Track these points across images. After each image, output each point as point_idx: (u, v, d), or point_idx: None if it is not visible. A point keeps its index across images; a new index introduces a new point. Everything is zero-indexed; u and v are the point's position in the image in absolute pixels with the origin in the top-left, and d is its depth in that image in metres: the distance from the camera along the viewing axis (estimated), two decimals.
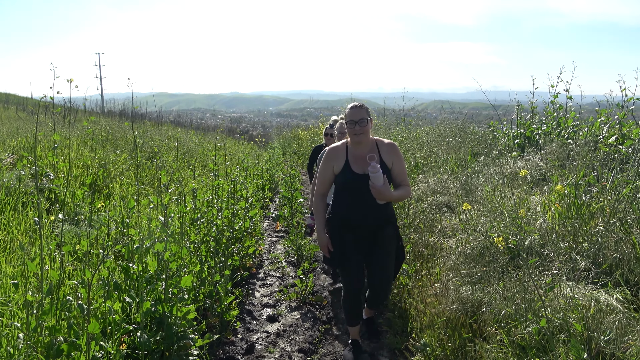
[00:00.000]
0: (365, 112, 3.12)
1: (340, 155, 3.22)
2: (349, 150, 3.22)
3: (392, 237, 3.30)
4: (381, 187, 2.91)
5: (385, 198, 3.01)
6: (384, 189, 2.94)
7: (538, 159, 6.06)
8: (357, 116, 3.09)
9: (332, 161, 3.23)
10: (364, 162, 3.10)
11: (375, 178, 2.88)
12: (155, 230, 3.36)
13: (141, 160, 8.38)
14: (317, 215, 3.33)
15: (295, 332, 3.98)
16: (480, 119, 12.92)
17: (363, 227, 3.23)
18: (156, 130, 15.60)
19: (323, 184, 3.31)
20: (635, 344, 2.34)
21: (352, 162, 3.18)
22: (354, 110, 3.12)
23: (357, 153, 3.19)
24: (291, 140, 21.34)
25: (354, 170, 3.15)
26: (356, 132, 3.10)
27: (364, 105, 3.17)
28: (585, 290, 2.83)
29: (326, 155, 3.26)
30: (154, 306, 2.84)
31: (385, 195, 2.97)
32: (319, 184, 3.32)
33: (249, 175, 8.39)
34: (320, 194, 3.33)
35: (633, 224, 3.66)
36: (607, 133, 6.01)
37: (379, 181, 2.90)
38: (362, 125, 3.08)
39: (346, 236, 3.27)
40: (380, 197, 2.98)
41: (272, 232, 7.50)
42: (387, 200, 3.05)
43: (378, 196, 2.97)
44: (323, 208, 3.34)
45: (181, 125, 26.09)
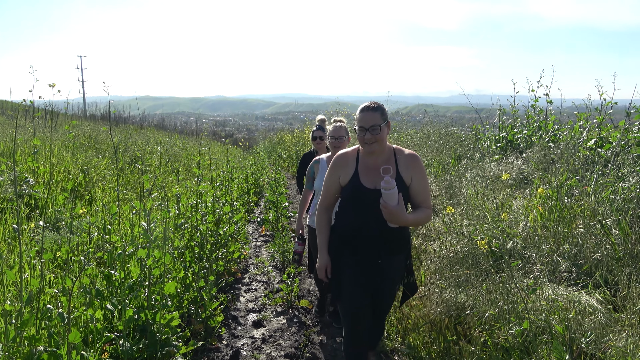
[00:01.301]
0: (379, 116, 2.50)
1: (350, 164, 2.66)
2: (360, 159, 2.65)
3: (400, 268, 2.72)
4: (395, 207, 2.36)
5: (399, 221, 2.44)
6: (398, 210, 2.37)
7: (520, 162, 6.15)
8: (367, 122, 2.49)
9: (339, 170, 2.68)
10: (377, 174, 2.55)
11: (389, 196, 2.35)
12: (138, 236, 3.32)
13: (124, 165, 8.28)
14: (319, 231, 2.77)
15: (281, 337, 3.96)
16: (464, 123, 13.08)
17: (367, 251, 2.64)
18: (139, 134, 15.43)
19: (328, 196, 2.76)
20: (615, 344, 2.39)
21: (362, 174, 2.61)
22: (364, 114, 2.52)
23: (370, 163, 2.62)
24: (276, 143, 21.32)
25: (363, 183, 2.58)
26: (367, 142, 2.51)
27: (378, 106, 2.55)
28: (566, 291, 2.87)
29: (333, 162, 2.71)
30: (136, 314, 2.80)
31: (398, 218, 2.40)
32: (323, 196, 2.78)
33: (234, 179, 8.35)
34: (324, 207, 2.78)
35: (612, 226, 3.73)
36: (586, 137, 6.13)
37: (393, 200, 2.36)
38: (374, 133, 2.48)
39: (345, 258, 2.70)
40: (392, 219, 2.41)
41: (257, 236, 7.47)
42: (400, 224, 2.48)
43: (389, 218, 2.41)
44: (327, 223, 2.77)
45: (165, 129, 25.88)
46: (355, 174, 2.62)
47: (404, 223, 2.48)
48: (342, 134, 3.68)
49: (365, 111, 2.52)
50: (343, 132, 3.68)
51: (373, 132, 2.48)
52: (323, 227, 2.76)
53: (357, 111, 2.57)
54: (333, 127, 3.71)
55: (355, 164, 2.65)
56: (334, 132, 3.70)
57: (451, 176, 5.96)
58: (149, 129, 20.28)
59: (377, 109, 2.52)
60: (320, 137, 4.58)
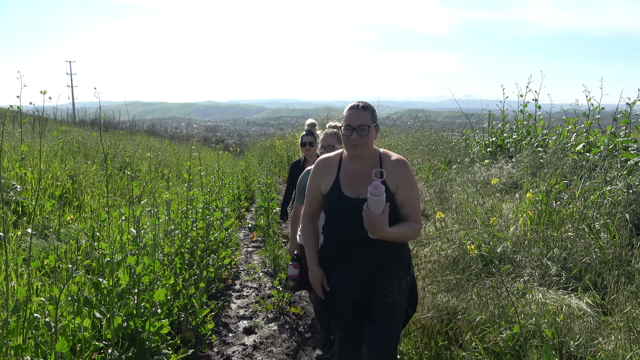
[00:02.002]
0: (368, 116, 2.28)
1: (331, 170, 2.41)
2: (342, 164, 2.40)
3: (397, 283, 2.35)
4: (377, 217, 2.09)
5: (378, 233, 2.14)
6: (380, 220, 2.10)
7: (509, 167, 6.20)
8: (356, 120, 2.26)
9: (319, 176, 2.43)
10: (360, 181, 2.31)
11: (374, 203, 2.08)
12: (127, 243, 3.29)
13: (113, 171, 8.21)
14: (305, 243, 2.54)
15: (273, 343, 3.94)
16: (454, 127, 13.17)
17: (354, 266, 2.36)
18: (129, 140, 15.34)
19: (311, 205, 2.52)
20: (604, 347, 2.40)
21: (344, 181, 2.36)
22: (353, 112, 2.29)
23: (352, 169, 2.36)
24: (268, 149, 21.30)
25: (344, 191, 2.33)
26: (353, 143, 2.27)
27: (368, 106, 2.33)
28: (556, 295, 2.89)
29: (314, 168, 2.47)
30: (125, 322, 2.76)
31: (378, 229, 2.12)
32: (306, 204, 2.54)
33: (225, 185, 8.32)
34: (308, 216, 2.55)
35: (601, 229, 3.77)
36: (574, 141, 6.20)
37: (378, 208, 2.09)
38: (361, 134, 2.25)
39: (336, 278, 2.43)
40: (372, 229, 2.14)
41: (248, 242, 7.43)
42: (379, 236, 2.17)
43: (369, 227, 2.13)
44: (313, 234, 2.53)
45: (155, 134, 25.75)
46: (336, 181, 2.37)
47: (383, 236, 2.15)
48: (333, 142, 3.32)
49: (355, 109, 2.29)
50: (334, 140, 3.34)
51: (360, 133, 2.25)
52: (309, 238, 2.52)
53: (345, 109, 2.33)
54: (324, 135, 3.36)
55: (337, 170, 2.40)
56: (324, 141, 3.34)
57: (442, 181, 5.99)
58: (139, 135, 20.17)
59: (367, 108, 2.30)
60: (309, 143, 4.25)
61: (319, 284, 2.45)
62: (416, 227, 2.30)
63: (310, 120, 4.33)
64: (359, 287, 2.36)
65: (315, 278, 2.46)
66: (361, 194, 2.28)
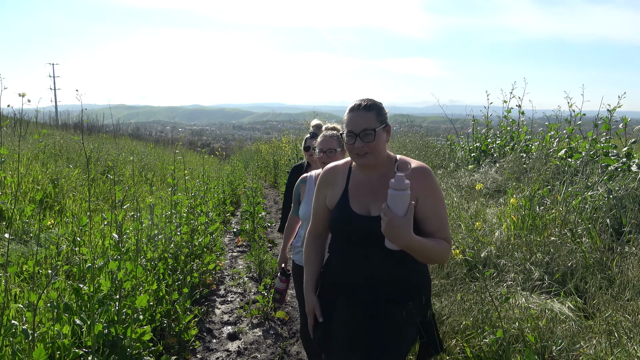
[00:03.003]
0: (373, 118, 1.86)
1: (338, 181, 2.03)
2: (352, 175, 2.02)
3: (410, 323, 1.93)
4: (400, 218, 1.67)
5: (401, 238, 1.68)
6: (403, 222, 1.66)
7: (493, 172, 6.26)
8: (358, 125, 1.85)
9: (325, 188, 2.07)
10: (371, 195, 1.93)
11: (396, 199, 1.67)
12: (109, 248, 3.24)
13: (96, 175, 8.10)
14: (305, 263, 2.18)
15: (257, 349, 3.90)
16: (439, 133, 13.28)
17: (363, 300, 1.93)
18: (113, 143, 15.16)
19: (316, 222, 2.14)
20: (585, 351, 2.43)
21: (353, 194, 1.97)
22: (354, 114, 1.88)
23: (363, 180, 1.98)
24: (254, 153, 21.24)
25: (352, 207, 1.94)
26: (358, 152, 1.87)
27: (372, 104, 1.89)
28: (539, 299, 2.92)
29: (320, 179, 2.11)
30: (106, 328, 2.71)
31: (401, 233, 1.67)
32: (313, 222, 2.17)
33: (210, 189, 8.26)
34: (313, 234, 2.17)
35: (583, 234, 3.82)
36: (557, 147, 6.29)
37: (401, 207, 1.68)
38: (366, 140, 1.84)
39: (338, 313, 1.99)
40: (393, 234, 1.68)
41: (233, 247, 7.38)
42: (401, 243, 1.70)
43: (389, 231, 1.68)
44: (315, 256, 2.15)
45: (140, 138, 25.51)
46: (344, 194, 1.98)
47: (406, 243, 1.70)
48: (333, 145, 2.88)
49: (356, 110, 1.87)
50: (334, 143, 2.89)
51: (365, 139, 1.83)
52: (310, 258, 2.16)
53: (346, 111, 1.93)
54: (321, 138, 2.94)
55: (345, 181, 2.01)
56: (322, 144, 2.88)
57: None
58: (123, 138, 19.95)
59: (372, 107, 1.88)
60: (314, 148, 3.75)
61: (312, 315, 2.09)
62: (445, 247, 1.84)
63: (316, 121, 3.80)
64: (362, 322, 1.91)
65: (308, 307, 2.11)
66: (373, 210, 1.90)
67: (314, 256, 2.16)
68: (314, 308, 2.09)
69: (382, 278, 1.91)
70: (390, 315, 1.90)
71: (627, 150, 5.12)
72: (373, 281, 1.91)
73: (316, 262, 2.15)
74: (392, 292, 1.91)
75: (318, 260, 2.15)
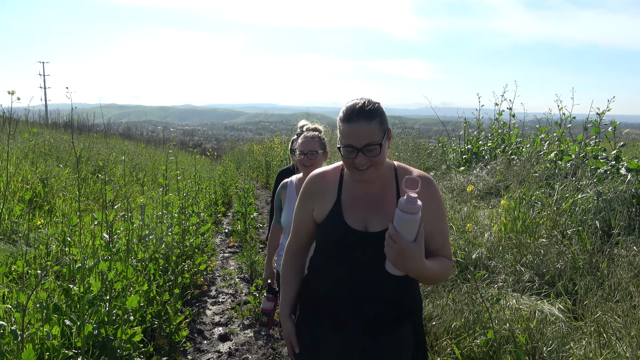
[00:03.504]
0: (376, 128, 1.56)
1: (329, 191, 1.75)
2: (345, 183, 1.74)
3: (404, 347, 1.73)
4: (411, 244, 1.43)
5: (410, 267, 1.47)
6: (415, 250, 1.44)
7: (484, 174, 6.30)
8: (360, 138, 1.55)
9: (312, 199, 1.78)
10: (369, 207, 1.68)
11: (407, 223, 1.43)
12: (99, 248, 3.21)
13: (86, 175, 8.03)
14: (282, 282, 1.91)
15: (248, 350, 3.89)
16: (431, 135, 13.34)
17: (353, 327, 1.69)
18: (103, 143, 15.05)
19: (298, 235, 1.87)
20: (575, 352, 2.45)
21: (347, 206, 1.70)
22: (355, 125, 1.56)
23: (358, 190, 1.71)
24: (246, 154, 21.19)
25: (347, 221, 1.68)
26: (359, 165, 1.58)
27: (375, 110, 1.58)
28: (529, 301, 2.94)
29: (305, 188, 1.81)
30: (96, 329, 2.69)
31: (411, 261, 1.45)
32: (293, 234, 1.89)
33: (201, 189, 8.23)
34: (293, 250, 1.90)
35: (573, 236, 3.86)
36: (547, 149, 6.35)
37: (410, 232, 1.44)
38: (370, 155, 1.56)
39: (324, 338, 1.75)
40: (402, 262, 1.46)
41: (225, 247, 7.35)
42: (411, 271, 1.49)
43: (397, 260, 1.46)
44: (295, 273, 1.89)
45: (131, 138, 25.35)
46: (336, 205, 1.71)
47: (418, 271, 1.48)
48: (314, 147, 2.67)
49: (356, 121, 1.55)
50: (316, 145, 2.68)
51: (369, 154, 1.55)
52: (288, 277, 1.89)
53: (341, 115, 1.60)
54: (302, 139, 2.71)
55: (337, 191, 1.74)
56: (303, 146, 2.67)
57: None
58: (114, 138, 19.82)
59: (374, 114, 1.56)
60: None
61: (289, 343, 1.85)
62: (449, 267, 1.67)
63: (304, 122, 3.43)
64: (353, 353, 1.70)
65: (285, 333, 1.85)
66: (370, 225, 1.65)
67: (293, 274, 1.88)
68: (290, 336, 1.84)
69: (373, 299, 1.67)
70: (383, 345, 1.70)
71: (616, 153, 5.18)
72: (363, 302, 1.67)
73: (295, 281, 1.87)
74: (384, 315, 1.68)
75: (297, 279, 1.88)
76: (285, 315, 1.87)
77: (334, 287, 1.72)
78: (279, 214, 2.83)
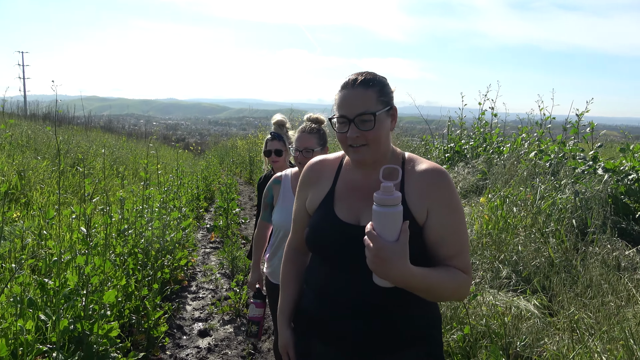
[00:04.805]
0: (373, 97, 1.37)
1: (325, 178, 1.56)
2: (342, 172, 1.55)
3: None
4: (389, 244, 1.20)
5: (391, 274, 1.22)
6: (393, 251, 1.20)
7: (466, 172, 6.37)
8: (352, 107, 1.37)
9: (308, 187, 1.59)
10: (365, 199, 1.41)
11: (384, 218, 1.22)
12: (76, 242, 3.16)
13: (65, 168, 7.90)
14: (283, 286, 1.70)
15: (228, 346, 3.88)
16: (414, 133, 13.45)
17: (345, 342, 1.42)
18: (84, 135, 14.81)
19: (297, 230, 1.66)
20: (549, 347, 2.50)
21: (341, 197, 1.50)
22: (348, 92, 1.39)
23: (356, 180, 1.50)
24: (229, 149, 21.05)
25: (336, 212, 1.47)
26: (352, 143, 1.39)
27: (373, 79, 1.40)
28: (506, 297, 2.98)
29: (302, 175, 1.63)
30: (72, 324, 2.65)
31: (391, 268, 1.21)
32: (292, 230, 1.69)
33: (183, 184, 8.15)
34: (293, 247, 1.71)
35: (550, 234, 3.93)
36: (527, 149, 6.45)
37: (390, 230, 1.22)
38: (363, 128, 1.36)
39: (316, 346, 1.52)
40: (383, 268, 1.22)
41: (206, 243, 7.31)
42: (395, 279, 1.24)
43: (375, 263, 1.22)
44: (295, 275, 1.67)
45: (112, 131, 24.99)
46: (329, 195, 1.51)
47: (401, 279, 1.24)
48: (310, 144, 2.35)
49: (350, 88, 1.38)
50: (312, 141, 2.36)
51: (362, 127, 1.36)
52: (288, 280, 1.68)
53: (338, 88, 1.43)
54: (298, 135, 2.40)
55: (333, 179, 1.54)
56: (299, 142, 2.36)
57: None
58: (95, 131, 19.50)
59: (372, 83, 1.38)
60: (276, 152, 2.90)
61: (285, 354, 1.64)
62: (463, 280, 1.35)
63: (279, 117, 3.04)
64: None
65: (281, 343, 1.64)
66: (363, 218, 1.40)
67: (293, 276, 1.66)
68: (287, 348, 1.62)
69: (363, 310, 1.38)
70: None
71: (593, 154, 5.29)
72: (359, 319, 1.38)
73: (295, 283, 1.65)
74: (379, 333, 1.38)
75: (297, 281, 1.65)
76: (284, 324, 1.64)
77: (319, 292, 1.48)
78: (268, 211, 2.57)
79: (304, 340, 1.57)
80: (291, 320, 1.64)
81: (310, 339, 1.53)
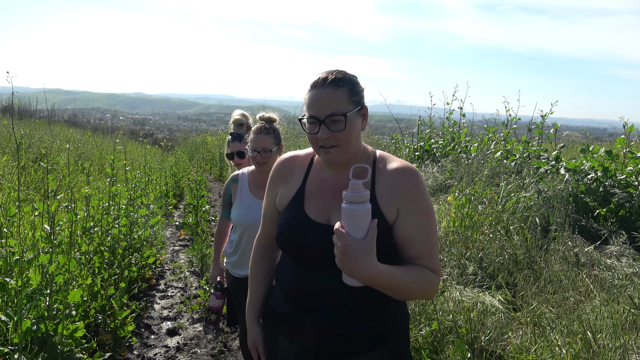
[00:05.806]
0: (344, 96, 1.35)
1: (295, 175, 1.54)
2: (312, 170, 1.53)
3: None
4: (357, 242, 1.22)
5: (359, 271, 1.23)
6: (361, 249, 1.22)
7: (435, 171, 6.49)
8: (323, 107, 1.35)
9: (277, 184, 1.58)
10: (336, 198, 1.39)
11: (353, 215, 1.25)
12: (39, 240, 3.07)
13: (26, 163, 7.62)
14: (252, 282, 1.68)
15: (197, 345, 3.84)
16: (385, 131, 13.59)
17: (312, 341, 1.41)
18: (47, 130, 14.32)
19: (266, 226, 1.65)
20: (512, 341, 2.58)
21: (311, 195, 1.49)
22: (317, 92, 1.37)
23: (326, 178, 1.49)
24: (199, 145, 20.77)
25: (306, 210, 1.46)
26: (323, 144, 1.37)
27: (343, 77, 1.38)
28: (472, 293, 3.07)
29: (273, 172, 1.61)
30: (35, 325, 2.58)
31: (358, 266, 1.23)
32: (262, 226, 1.68)
33: (152, 181, 8.00)
34: (262, 243, 1.70)
35: (514, 231, 4.05)
36: (494, 149, 6.62)
37: (358, 228, 1.24)
38: (334, 129, 1.35)
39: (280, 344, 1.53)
40: (350, 266, 1.23)
41: (175, 240, 7.20)
42: (362, 277, 1.25)
43: (343, 261, 1.24)
44: (264, 270, 1.67)
45: (77, 125, 24.26)
46: (298, 194, 1.50)
47: (368, 277, 1.24)
48: (268, 145, 2.37)
49: (320, 87, 1.36)
50: (269, 142, 2.38)
51: (333, 127, 1.34)
52: (256, 275, 1.67)
53: (308, 87, 1.41)
54: (253, 135, 2.40)
55: (303, 176, 1.52)
56: (255, 143, 2.37)
57: None
58: (59, 125, 18.88)
59: (342, 82, 1.37)
60: (238, 154, 2.99)
61: (254, 349, 1.64)
62: (430, 279, 1.36)
63: (237, 116, 3.01)
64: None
65: (249, 340, 1.65)
66: (334, 218, 1.39)
67: (262, 272, 1.66)
68: (257, 343, 1.62)
69: (328, 310, 1.40)
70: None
71: (556, 154, 5.48)
72: (327, 318, 1.39)
73: (264, 279, 1.65)
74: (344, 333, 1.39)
75: (266, 277, 1.66)
76: (253, 320, 1.64)
77: (288, 290, 1.49)
78: (227, 209, 2.65)
79: (271, 337, 1.57)
80: (260, 317, 1.65)
81: (277, 336, 1.53)
